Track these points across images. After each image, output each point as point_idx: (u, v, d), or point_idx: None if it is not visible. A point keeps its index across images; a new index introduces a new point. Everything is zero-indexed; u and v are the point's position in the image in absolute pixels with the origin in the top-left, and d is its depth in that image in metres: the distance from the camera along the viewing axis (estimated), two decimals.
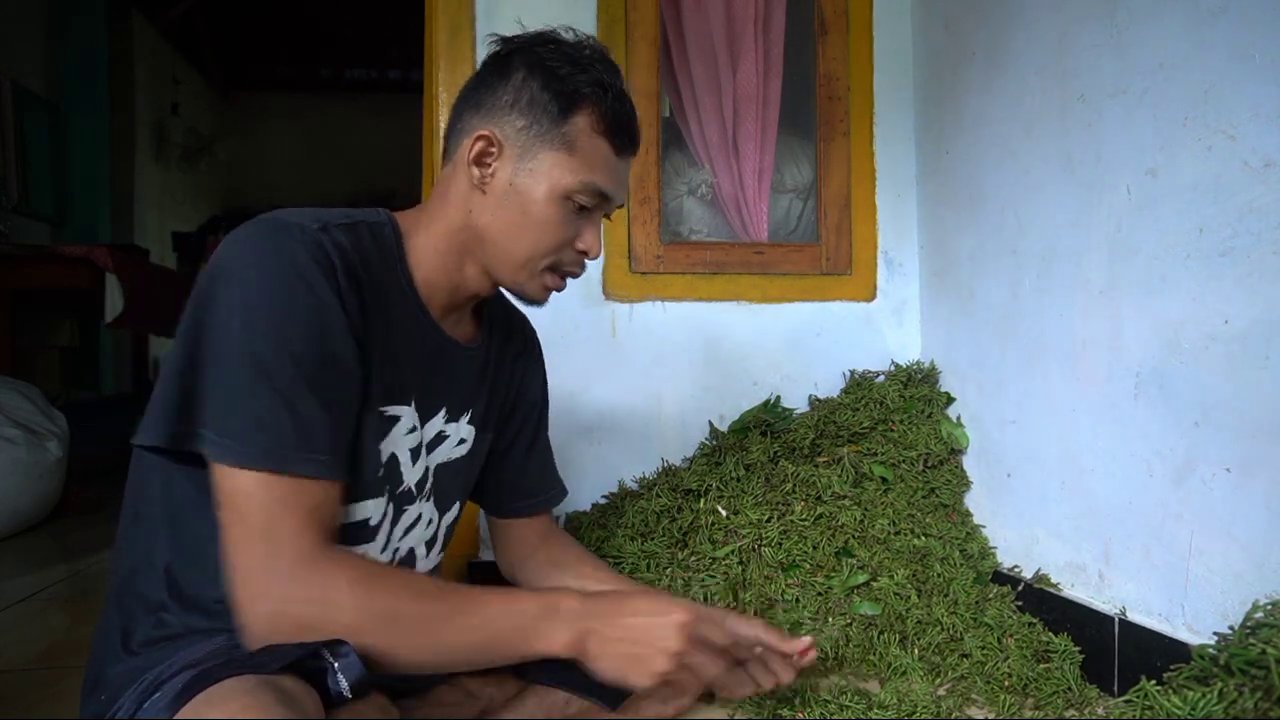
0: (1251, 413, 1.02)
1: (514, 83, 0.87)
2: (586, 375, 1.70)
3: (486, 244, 0.89)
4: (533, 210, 0.87)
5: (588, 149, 0.87)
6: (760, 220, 1.84)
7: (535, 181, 0.87)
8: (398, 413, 0.88)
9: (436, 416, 0.95)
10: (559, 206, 0.87)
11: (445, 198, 0.90)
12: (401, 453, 0.89)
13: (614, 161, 0.90)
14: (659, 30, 1.76)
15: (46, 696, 1.25)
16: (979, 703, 1.22)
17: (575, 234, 0.90)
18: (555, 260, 0.91)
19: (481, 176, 0.87)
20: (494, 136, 0.86)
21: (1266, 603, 0.95)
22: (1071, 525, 1.35)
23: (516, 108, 0.87)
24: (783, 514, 1.54)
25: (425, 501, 0.96)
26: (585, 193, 0.88)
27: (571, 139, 0.87)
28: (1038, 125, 1.42)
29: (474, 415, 1.01)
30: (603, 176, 0.89)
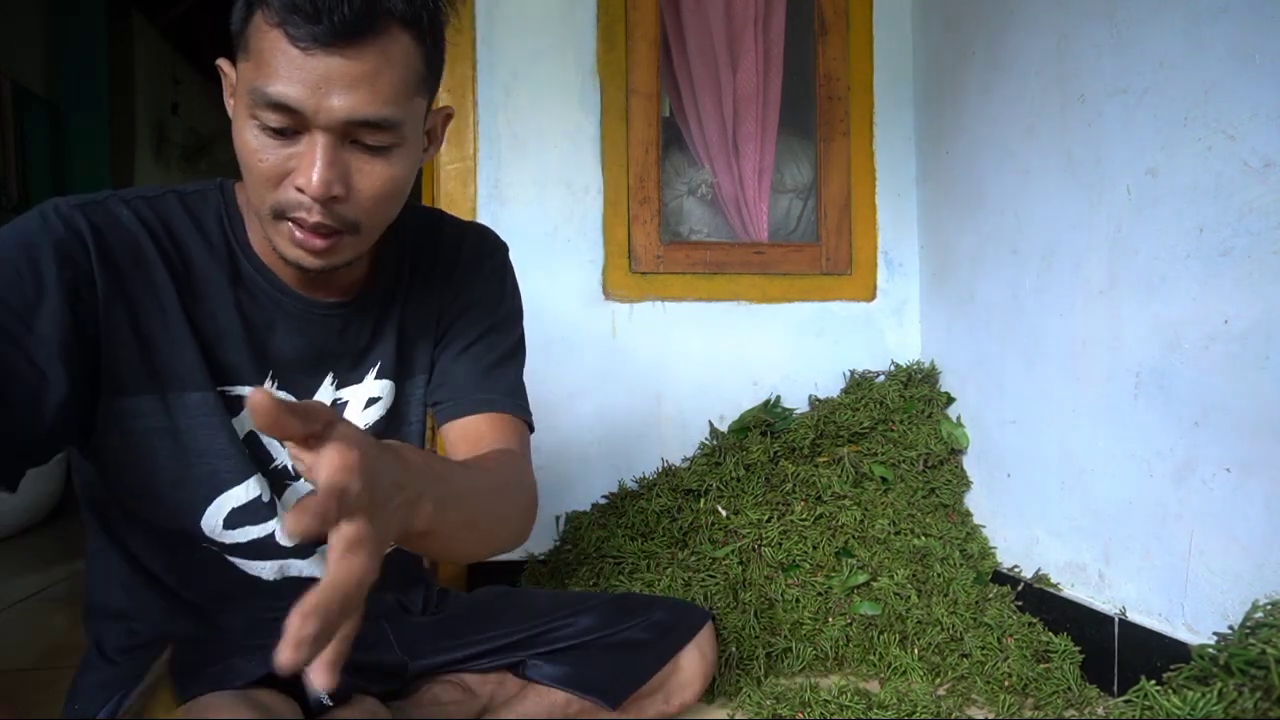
0: (1251, 413, 1.02)
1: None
2: (586, 375, 1.70)
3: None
4: (237, 142, 0.70)
5: (261, 47, 0.66)
6: (760, 220, 1.84)
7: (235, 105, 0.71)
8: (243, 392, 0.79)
9: (322, 387, 0.86)
10: (249, 130, 0.68)
11: None
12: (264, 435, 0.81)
13: (295, 58, 0.65)
14: (659, 30, 1.76)
15: (46, 696, 1.25)
16: (979, 703, 1.22)
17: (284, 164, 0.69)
18: (274, 202, 0.71)
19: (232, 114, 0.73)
20: (223, 65, 0.74)
21: (1266, 603, 0.95)
22: (1071, 525, 1.35)
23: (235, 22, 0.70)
24: (783, 514, 1.54)
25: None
26: (260, 104, 0.66)
27: (248, 41, 0.68)
28: (1038, 125, 1.42)
29: (383, 369, 0.89)
30: (271, 80, 0.65)
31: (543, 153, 1.69)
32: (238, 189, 0.81)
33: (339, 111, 0.66)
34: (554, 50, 1.69)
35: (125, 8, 4.74)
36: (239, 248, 0.80)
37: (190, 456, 0.78)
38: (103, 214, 0.73)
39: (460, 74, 1.65)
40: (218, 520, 0.82)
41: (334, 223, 0.71)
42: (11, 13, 3.82)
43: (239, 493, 0.82)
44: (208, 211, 0.79)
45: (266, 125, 0.68)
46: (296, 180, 0.69)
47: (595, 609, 1.07)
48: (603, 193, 1.71)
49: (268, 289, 0.81)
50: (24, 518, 2.41)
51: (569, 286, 1.70)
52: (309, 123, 0.67)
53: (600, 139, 1.71)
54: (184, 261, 0.76)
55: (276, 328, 0.82)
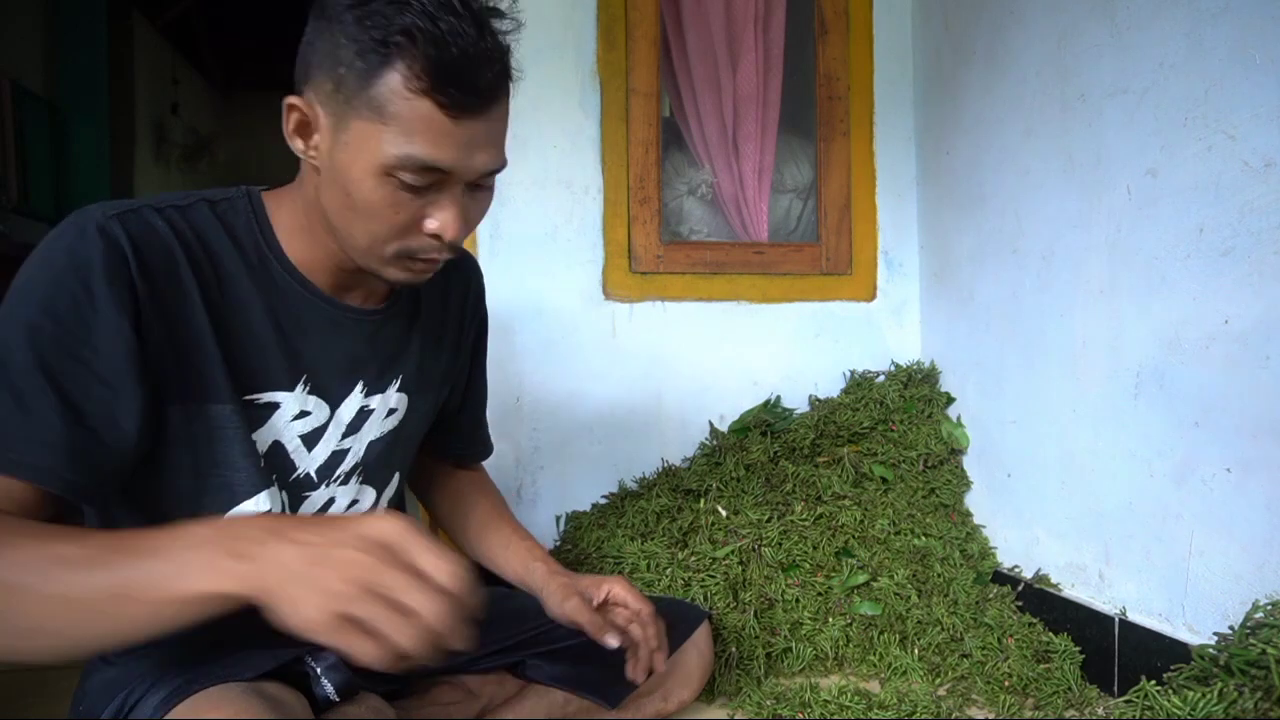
0: (1251, 413, 1.02)
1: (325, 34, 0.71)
2: (586, 375, 1.70)
3: (329, 224, 0.77)
4: (354, 192, 0.72)
5: (403, 113, 0.68)
6: (760, 220, 1.84)
7: (351, 158, 0.71)
8: (274, 399, 0.80)
9: (352, 394, 0.87)
10: (380, 186, 0.71)
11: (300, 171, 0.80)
12: (287, 440, 0.82)
13: (445, 125, 0.70)
14: (659, 30, 1.76)
15: (46, 697, 1.25)
16: (979, 703, 1.22)
17: (418, 215, 0.74)
18: (402, 246, 0.75)
19: (306, 151, 0.75)
20: (302, 106, 0.73)
21: (1266, 603, 0.95)
22: (1071, 525, 1.35)
23: (324, 67, 0.70)
24: (783, 514, 1.54)
25: (341, 485, 0.89)
26: (406, 168, 0.70)
27: (381, 103, 0.68)
28: (1038, 125, 1.42)
29: (404, 382, 0.92)
30: (427, 147, 0.70)
31: (543, 153, 1.69)
32: (267, 198, 0.82)
33: (480, 167, 0.73)
34: (554, 50, 1.69)
35: (125, 8, 4.74)
36: (271, 254, 0.80)
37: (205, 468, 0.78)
38: (139, 224, 0.72)
39: None
40: None
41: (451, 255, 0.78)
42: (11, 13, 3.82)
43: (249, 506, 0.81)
44: (238, 219, 0.80)
45: (406, 183, 0.71)
46: (431, 228, 0.74)
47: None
48: (603, 193, 1.71)
49: (302, 293, 0.81)
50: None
51: (569, 286, 1.70)
52: (451, 179, 0.73)
53: (600, 139, 1.71)
54: (215, 270, 0.77)
55: (310, 332, 0.82)
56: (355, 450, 0.89)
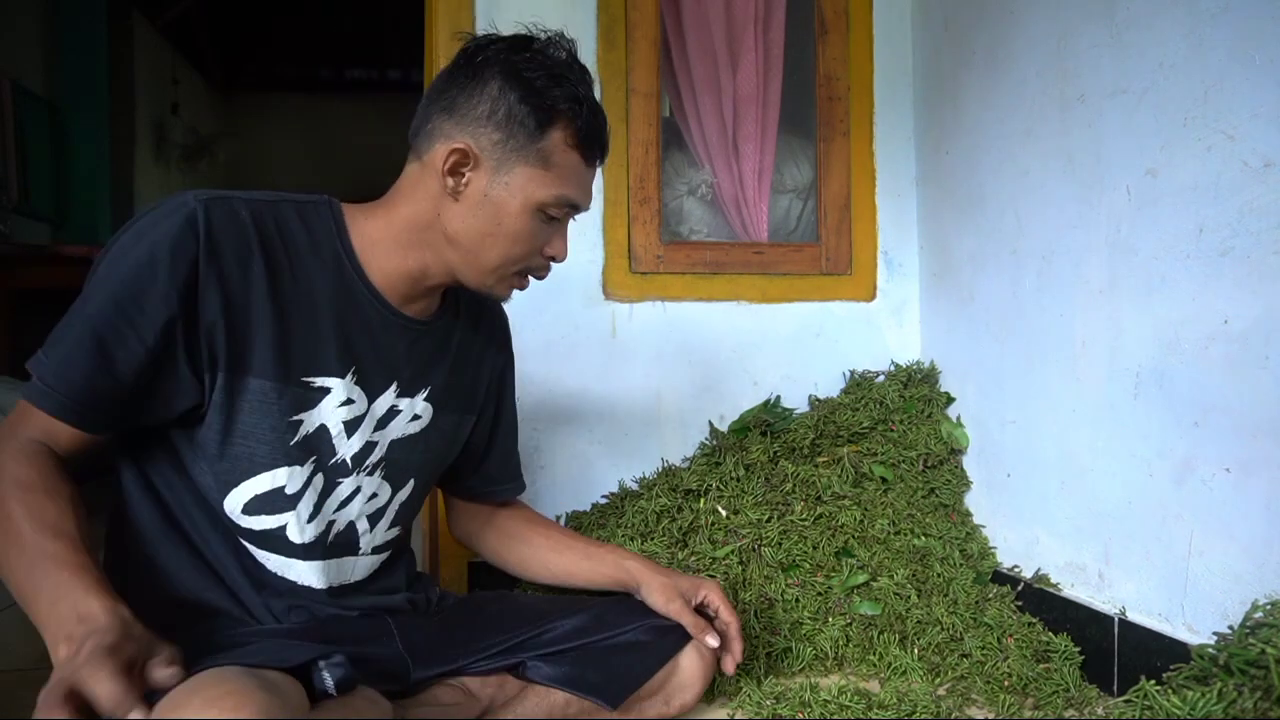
0: (1251, 413, 1.02)
1: (489, 93, 0.88)
2: (586, 375, 1.70)
3: (456, 248, 0.92)
4: (506, 222, 0.90)
5: (562, 163, 0.90)
6: (760, 220, 1.84)
7: (510, 195, 0.89)
8: (326, 384, 0.90)
9: (387, 392, 0.97)
10: (531, 218, 0.91)
11: (413, 195, 0.92)
12: (332, 424, 0.92)
13: (584, 172, 0.93)
14: (659, 30, 1.76)
15: None
16: (979, 703, 1.22)
17: (546, 241, 0.94)
18: (524, 266, 0.95)
19: (455, 185, 0.89)
20: (470, 150, 0.88)
21: (1266, 602, 0.95)
22: (1071, 525, 1.35)
23: (493, 120, 0.88)
24: (783, 514, 1.54)
25: (368, 475, 0.97)
26: (558, 205, 0.91)
27: (547, 154, 0.89)
28: (1038, 125, 1.42)
29: (431, 393, 1.02)
30: (574, 189, 0.92)
31: None
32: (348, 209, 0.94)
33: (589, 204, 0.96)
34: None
35: (125, 8, 4.74)
36: (345, 257, 0.92)
37: (233, 434, 0.86)
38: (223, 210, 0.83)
39: None
40: (239, 502, 0.89)
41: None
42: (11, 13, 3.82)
43: (265, 479, 0.89)
44: (319, 222, 0.91)
45: (550, 216, 0.92)
46: (551, 252, 0.95)
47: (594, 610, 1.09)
48: (603, 193, 1.71)
49: (367, 296, 0.93)
50: None
51: (569, 286, 1.70)
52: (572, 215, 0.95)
53: None
54: (290, 261, 0.88)
55: (362, 328, 0.93)
56: (381, 445, 0.97)
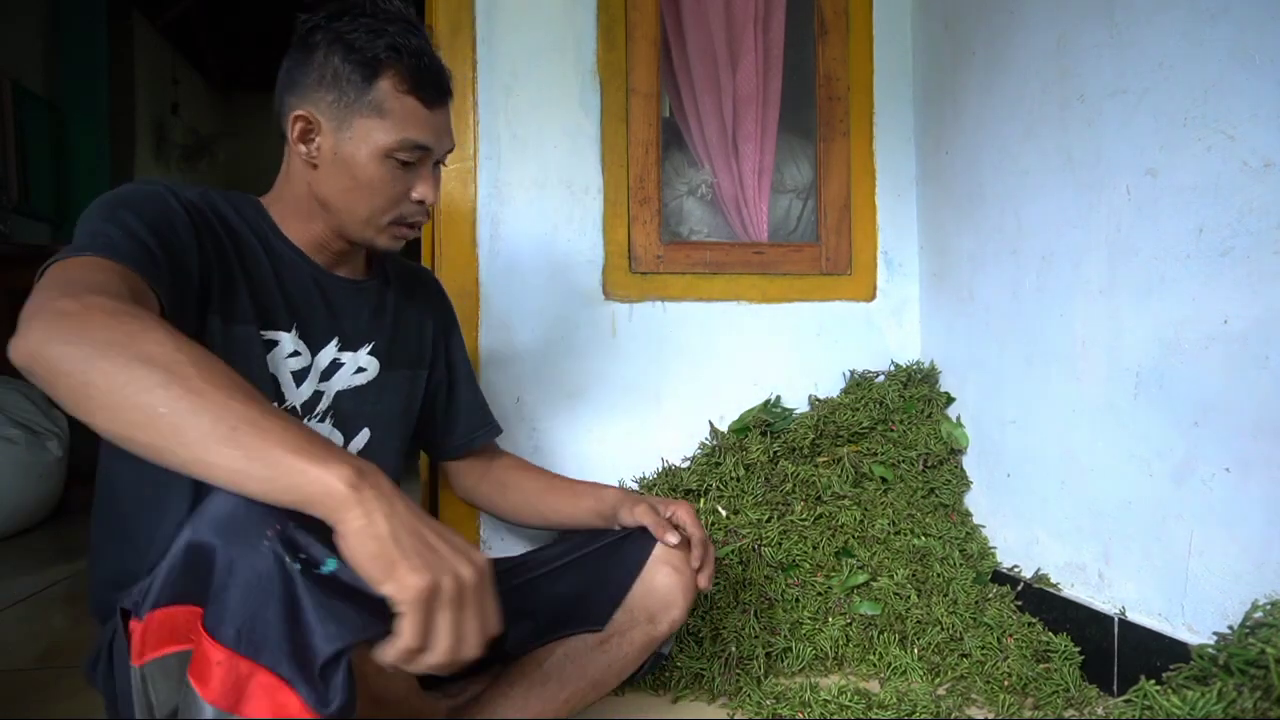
0: (1251, 413, 1.02)
1: (318, 60, 0.94)
2: (586, 375, 1.70)
3: (330, 209, 0.98)
4: (359, 174, 0.95)
5: (397, 109, 0.94)
6: (760, 220, 1.84)
7: (355, 147, 0.94)
8: (275, 337, 0.97)
9: (329, 345, 1.04)
10: (382, 165, 0.95)
11: (289, 174, 1.00)
12: (282, 375, 0.98)
13: (426, 114, 0.96)
14: (659, 30, 1.76)
15: (46, 697, 1.25)
16: (979, 703, 1.22)
17: (408, 187, 0.98)
18: (396, 214, 0.99)
19: (309, 153, 0.96)
20: (310, 115, 0.94)
21: (1266, 602, 0.95)
22: (1071, 525, 1.35)
23: (324, 84, 0.94)
24: (783, 514, 1.54)
25: (319, 422, 1.03)
26: (403, 149, 0.95)
27: (379, 103, 0.93)
28: (1038, 125, 1.42)
29: (375, 348, 1.09)
30: (416, 131, 0.95)
31: (543, 153, 1.69)
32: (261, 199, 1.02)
33: (446, 146, 1.01)
34: (554, 50, 1.69)
35: (125, 8, 4.74)
36: (271, 232, 1.00)
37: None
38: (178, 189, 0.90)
39: (460, 74, 1.65)
40: None
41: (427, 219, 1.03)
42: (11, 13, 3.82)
43: None
44: (244, 206, 0.99)
45: (401, 161, 0.95)
46: (417, 195, 0.99)
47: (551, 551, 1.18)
48: (603, 193, 1.71)
49: (300, 263, 1.01)
50: (24, 518, 2.41)
51: (569, 286, 1.70)
52: (428, 156, 0.98)
53: (600, 139, 1.71)
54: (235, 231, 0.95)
55: (302, 288, 1.01)
56: (327, 395, 1.04)
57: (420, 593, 0.59)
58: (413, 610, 0.59)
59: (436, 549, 0.62)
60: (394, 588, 0.59)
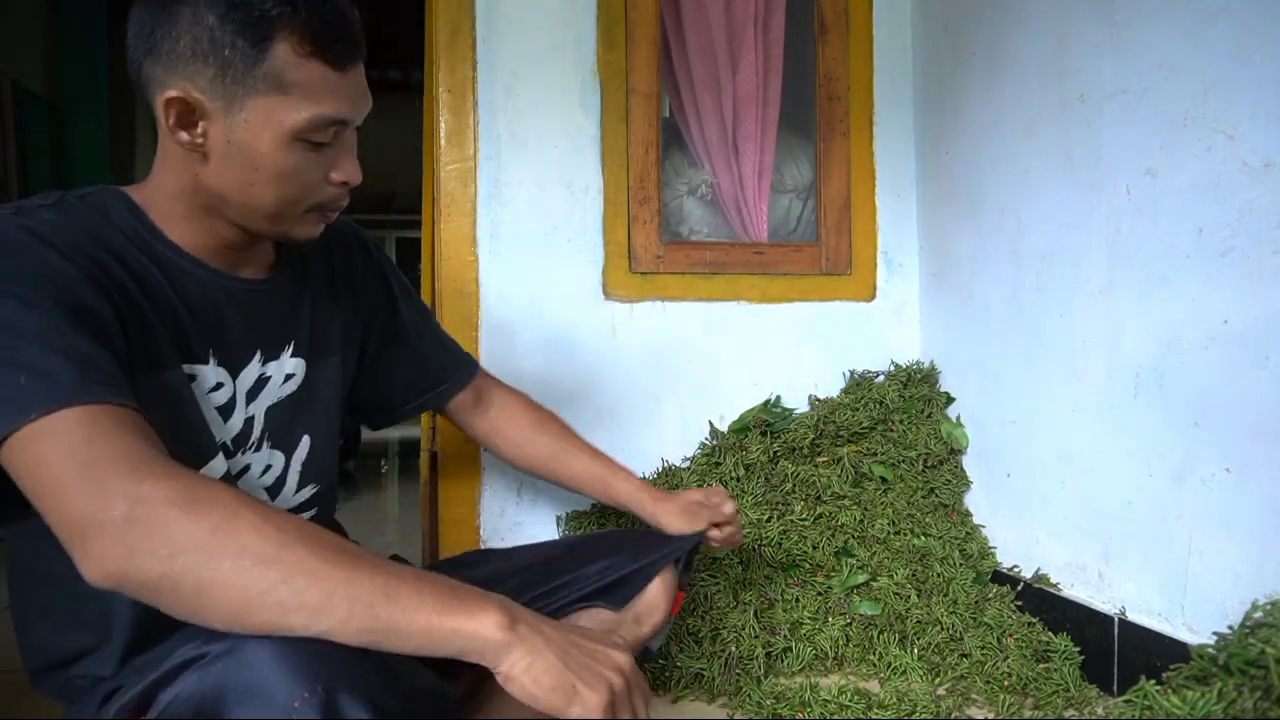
0: (1251, 413, 1.02)
1: (184, 19, 0.72)
2: (586, 375, 1.70)
3: (229, 205, 0.79)
4: (264, 164, 0.76)
5: (301, 79, 0.74)
6: (760, 220, 1.84)
7: (254, 133, 0.74)
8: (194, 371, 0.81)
9: (251, 363, 0.88)
10: (291, 151, 0.76)
11: (166, 163, 0.80)
12: (206, 411, 0.82)
13: (337, 80, 0.76)
14: (659, 30, 1.76)
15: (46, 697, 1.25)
16: (979, 703, 1.22)
17: (325, 168, 0.80)
18: (313, 202, 0.81)
19: (192, 141, 0.75)
20: (187, 95, 0.73)
21: (1266, 602, 0.95)
22: (1071, 525, 1.35)
23: (199, 54, 0.72)
24: (783, 514, 1.54)
25: (255, 452, 0.90)
26: (316, 128, 0.76)
27: (277, 74, 0.73)
28: (1037, 125, 1.42)
29: (297, 348, 0.93)
30: (330, 103, 0.76)
31: (543, 153, 1.69)
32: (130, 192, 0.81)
33: (364, 111, 0.80)
34: (554, 50, 1.69)
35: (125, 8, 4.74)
36: (155, 239, 0.80)
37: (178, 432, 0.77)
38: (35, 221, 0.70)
39: (460, 75, 1.65)
40: None
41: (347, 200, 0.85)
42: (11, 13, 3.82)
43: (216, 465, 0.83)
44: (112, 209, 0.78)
45: (315, 143, 0.77)
46: (338, 178, 0.80)
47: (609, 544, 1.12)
48: (603, 193, 1.71)
49: (194, 271, 0.82)
50: None
51: (569, 286, 1.70)
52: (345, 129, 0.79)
53: (600, 139, 1.71)
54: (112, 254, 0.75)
55: (208, 306, 0.83)
56: (258, 418, 0.89)
57: (606, 707, 0.62)
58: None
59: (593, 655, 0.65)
60: (580, 710, 0.62)
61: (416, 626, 0.60)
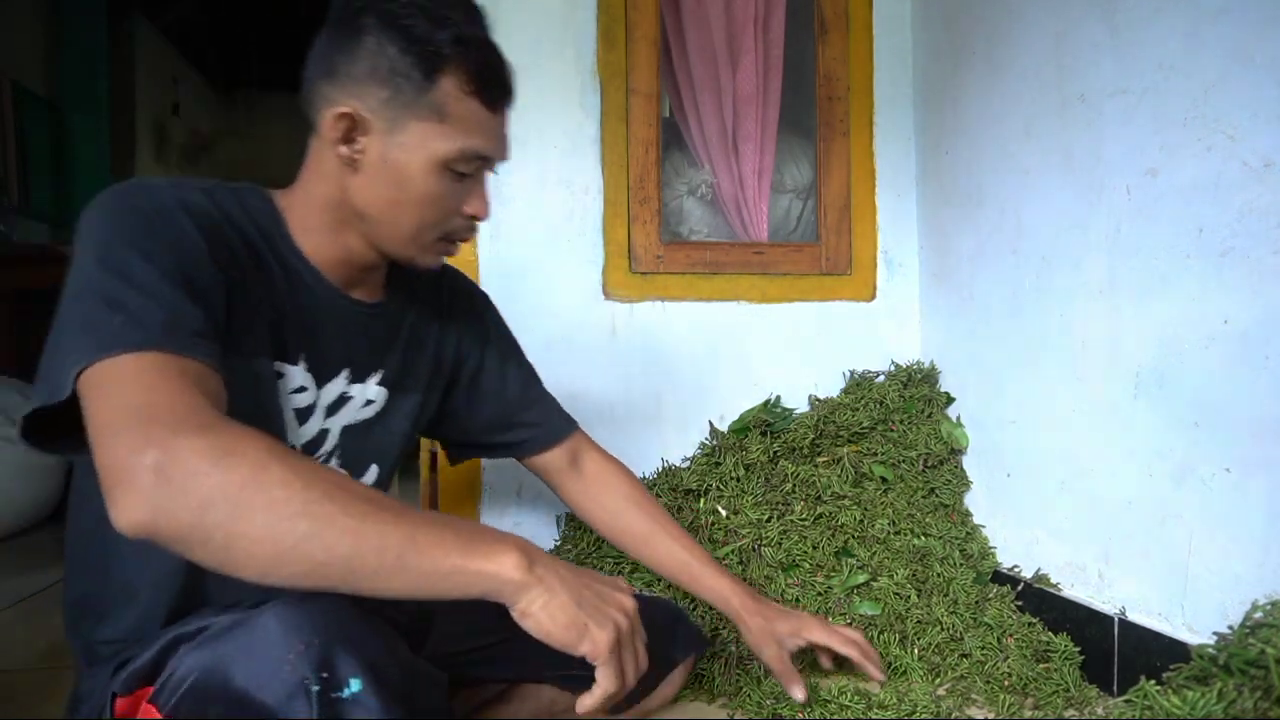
0: (1251, 413, 1.02)
1: (368, 47, 0.80)
2: (586, 375, 1.70)
3: (368, 221, 0.85)
4: (411, 185, 0.83)
5: (459, 113, 0.82)
6: (760, 220, 1.84)
7: (409, 155, 0.82)
8: (281, 369, 0.85)
9: (338, 378, 0.91)
10: (438, 177, 0.83)
11: (318, 172, 0.85)
12: (286, 411, 0.86)
13: (489, 119, 0.85)
14: (659, 30, 1.76)
15: (46, 696, 1.25)
16: (979, 703, 1.22)
17: (461, 200, 0.86)
18: (443, 231, 0.87)
19: (350, 154, 0.82)
20: (357, 113, 0.80)
21: (1266, 602, 0.95)
22: (1071, 525, 1.35)
23: (376, 77, 0.80)
24: (783, 514, 1.54)
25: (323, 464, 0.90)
26: (464, 160, 0.83)
27: (439, 105, 0.81)
28: (1037, 125, 1.42)
29: (385, 377, 0.96)
30: (480, 139, 0.84)
31: (543, 153, 1.69)
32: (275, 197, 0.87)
33: (506, 153, 0.89)
34: (554, 50, 1.69)
35: (125, 8, 4.75)
36: (286, 244, 0.86)
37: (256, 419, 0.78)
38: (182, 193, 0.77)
39: None
40: None
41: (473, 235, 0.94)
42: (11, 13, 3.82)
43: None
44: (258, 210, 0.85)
45: (458, 172, 0.84)
46: (468, 210, 0.87)
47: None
48: (603, 193, 1.71)
49: (310, 280, 0.87)
50: (24, 518, 2.41)
51: (569, 286, 1.70)
52: (485, 166, 0.87)
53: (600, 139, 1.71)
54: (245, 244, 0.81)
55: (314, 315, 0.87)
56: (333, 433, 0.92)
57: (612, 644, 0.68)
58: (610, 661, 0.68)
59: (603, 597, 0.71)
60: (590, 647, 0.68)
61: (442, 571, 0.63)
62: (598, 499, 1.19)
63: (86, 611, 0.81)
